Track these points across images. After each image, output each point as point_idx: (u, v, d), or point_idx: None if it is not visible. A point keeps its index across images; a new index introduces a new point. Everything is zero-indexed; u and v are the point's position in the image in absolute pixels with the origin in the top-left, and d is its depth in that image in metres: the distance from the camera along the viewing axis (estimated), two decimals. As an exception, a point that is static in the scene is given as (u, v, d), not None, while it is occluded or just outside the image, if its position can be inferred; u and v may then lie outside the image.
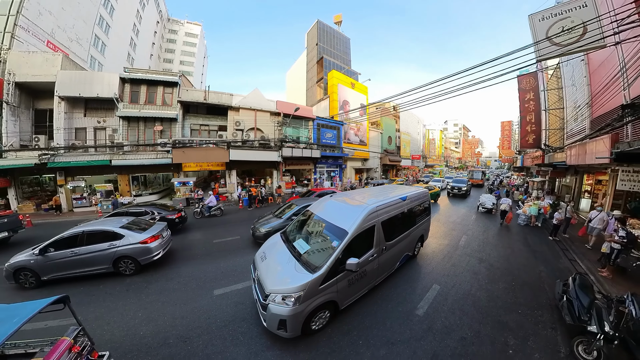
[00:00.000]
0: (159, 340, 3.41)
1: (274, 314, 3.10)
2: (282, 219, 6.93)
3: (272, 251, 4.13)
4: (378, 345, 3.24)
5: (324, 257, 3.47)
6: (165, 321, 3.81)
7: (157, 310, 4.08)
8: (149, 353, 3.20)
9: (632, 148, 4.65)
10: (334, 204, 4.76)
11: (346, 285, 3.59)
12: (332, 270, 3.34)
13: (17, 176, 12.76)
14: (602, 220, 6.92)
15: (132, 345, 3.32)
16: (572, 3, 6.59)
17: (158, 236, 5.69)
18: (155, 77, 14.82)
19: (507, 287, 4.90)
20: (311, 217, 4.80)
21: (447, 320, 3.80)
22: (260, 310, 3.38)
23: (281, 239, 4.46)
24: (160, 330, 3.61)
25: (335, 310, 3.62)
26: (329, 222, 4.18)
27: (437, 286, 4.80)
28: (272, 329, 3.20)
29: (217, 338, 3.42)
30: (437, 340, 3.38)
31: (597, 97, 8.22)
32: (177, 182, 15.08)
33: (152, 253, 5.39)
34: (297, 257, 3.70)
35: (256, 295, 3.61)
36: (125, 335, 3.53)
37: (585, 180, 12.15)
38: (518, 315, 3.99)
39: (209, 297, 4.47)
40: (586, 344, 3.11)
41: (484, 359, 3.09)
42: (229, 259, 6.07)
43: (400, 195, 5.14)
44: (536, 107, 15.28)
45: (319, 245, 3.99)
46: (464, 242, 7.57)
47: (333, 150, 22.18)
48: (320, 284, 3.23)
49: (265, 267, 3.76)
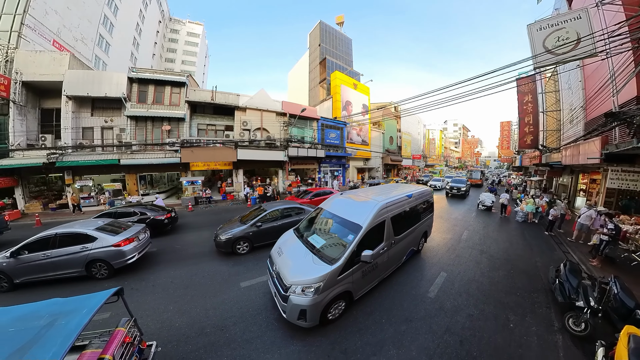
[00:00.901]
0: (196, 330, 3.58)
1: (295, 304, 3.27)
2: (246, 225, 6.40)
3: (288, 246, 4.33)
4: (399, 323, 3.74)
5: (340, 250, 3.73)
6: (198, 313, 3.99)
7: (188, 303, 4.25)
8: (188, 342, 3.36)
9: (619, 150, 5.19)
10: (343, 201, 5.01)
11: (360, 277, 3.86)
12: (349, 262, 3.59)
13: (24, 175, 12.81)
14: (590, 217, 7.37)
15: (170, 336, 3.47)
16: (568, 15, 7.10)
17: (133, 239, 5.49)
18: (163, 77, 15.03)
19: (506, 274, 5.45)
20: (319, 215, 5.04)
21: (456, 301, 4.33)
22: (281, 302, 3.52)
23: (295, 235, 4.68)
24: (195, 321, 3.78)
25: (350, 301, 3.87)
26: (343, 217, 4.41)
27: (445, 273, 5.34)
28: (292, 320, 3.36)
29: (253, 325, 3.68)
30: (448, 317, 3.90)
31: (591, 100, 8.77)
32: (186, 181, 15.33)
33: (125, 256, 5.22)
34: (313, 251, 3.91)
35: (274, 289, 3.79)
36: (161, 327, 3.67)
37: (581, 180, 12.73)
38: (517, 297, 4.53)
39: (237, 289, 4.70)
40: (575, 318, 3.64)
41: (489, 331, 3.62)
42: (249, 254, 6.34)
43: (407, 193, 5.46)
44: (534, 109, 15.86)
45: (333, 239, 4.21)
46: (466, 236, 8.12)
47: (336, 150, 22.66)
48: (339, 274, 3.47)
49: (283, 261, 3.94)
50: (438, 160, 51.10)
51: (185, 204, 14.14)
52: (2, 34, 14.57)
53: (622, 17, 6.45)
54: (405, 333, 3.52)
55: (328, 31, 35.06)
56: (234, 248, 6.21)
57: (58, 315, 2.20)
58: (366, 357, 3.07)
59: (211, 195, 15.70)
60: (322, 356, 3.07)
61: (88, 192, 13.73)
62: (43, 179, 14.68)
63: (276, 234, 6.35)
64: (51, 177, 14.93)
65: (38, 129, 13.50)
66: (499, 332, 3.60)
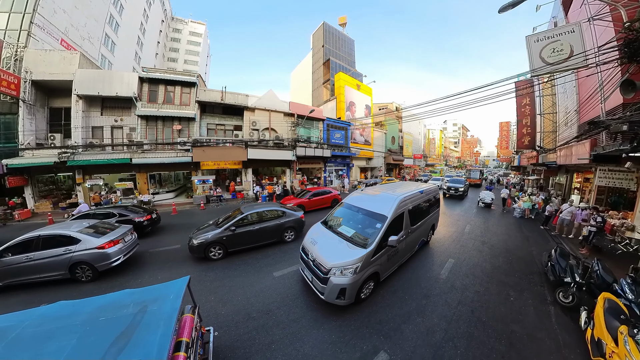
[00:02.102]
0: (243, 316, 3.90)
1: (335, 284, 3.72)
2: (220, 229, 6.11)
3: (320, 237, 4.78)
4: (419, 298, 4.45)
5: (371, 236, 4.33)
6: (240, 301, 4.31)
7: (227, 294, 4.55)
8: (238, 327, 3.65)
9: (605, 151, 5.92)
10: (364, 197, 5.60)
11: (386, 260, 4.48)
12: (378, 247, 4.16)
13: (33, 175, 12.80)
14: (571, 212, 8.10)
15: (219, 323, 3.71)
16: (563, 28, 7.82)
17: (118, 241, 5.40)
18: (174, 77, 15.25)
19: (505, 260, 6.21)
20: (342, 209, 5.59)
21: (464, 281, 5.08)
22: (319, 285, 3.95)
23: (323, 227, 5.20)
24: (239, 309, 4.09)
25: (377, 282, 4.46)
26: (368, 210, 5.00)
27: (452, 260, 6.09)
28: (331, 300, 3.80)
29: (294, 307, 4.11)
30: (459, 293, 4.64)
31: (584, 104, 9.52)
32: (197, 180, 15.53)
33: (110, 259, 5.13)
34: (346, 239, 4.44)
35: (311, 275, 4.22)
36: (208, 315, 3.89)
37: (575, 179, 13.54)
38: (515, 278, 5.28)
39: (271, 278, 5.10)
40: (564, 292, 4.38)
41: (493, 304, 4.36)
42: (274, 247, 6.82)
43: (419, 189, 6.14)
44: (532, 111, 16.64)
45: (362, 228, 4.78)
46: (468, 230, 8.88)
47: (341, 150, 23.32)
48: (371, 257, 4.04)
49: (319, 249, 4.34)
50: (438, 160, 51.97)
51: (197, 203, 14.49)
52: (12, 32, 14.71)
53: (611, 32, 7.17)
54: (426, 306, 4.23)
55: (331, 32, 35.63)
56: (207, 253, 5.96)
57: (146, 303, 2.30)
58: (398, 325, 3.75)
59: (222, 194, 16.21)
60: (360, 327, 3.70)
61: (98, 191, 13.83)
62: (51, 178, 14.73)
63: (254, 239, 6.58)
64: (59, 177, 15.02)
65: (47, 128, 13.55)
66: (502, 304, 4.35)
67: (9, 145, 12.25)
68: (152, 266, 5.93)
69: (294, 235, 7.42)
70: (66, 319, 2.14)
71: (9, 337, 1.92)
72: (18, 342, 1.90)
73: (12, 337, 1.93)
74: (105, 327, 2.04)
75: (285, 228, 7.12)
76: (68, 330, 2.00)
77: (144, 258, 6.43)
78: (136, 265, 5.96)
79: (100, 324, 2.07)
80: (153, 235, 8.37)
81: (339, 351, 3.20)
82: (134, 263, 6.05)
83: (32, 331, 2.00)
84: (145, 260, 6.31)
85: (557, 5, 13.19)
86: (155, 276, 5.41)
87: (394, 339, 3.43)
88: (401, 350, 3.24)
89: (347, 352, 3.19)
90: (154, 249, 7.06)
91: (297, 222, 7.45)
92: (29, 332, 2.00)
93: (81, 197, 13.22)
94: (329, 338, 3.42)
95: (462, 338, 3.49)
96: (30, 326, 2.05)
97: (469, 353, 3.23)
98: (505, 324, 3.84)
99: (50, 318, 2.16)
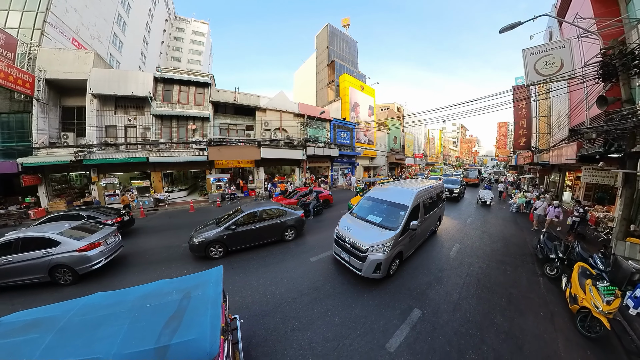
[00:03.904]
0: (296, 293, 4.55)
1: (373, 260, 4.57)
2: (220, 228, 6.14)
3: (353, 224, 5.62)
4: (436, 272, 5.52)
5: (396, 222, 5.26)
6: (289, 282, 4.94)
7: (274, 278, 5.13)
8: (294, 301, 4.30)
9: (588, 153, 6.98)
10: (384, 191, 6.54)
11: (407, 241, 5.44)
12: (403, 230, 5.09)
13: (47, 174, 12.74)
14: (544, 208, 8.99)
15: (278, 301, 4.32)
16: (555, 44, 8.85)
17: (99, 243, 5.30)
18: (188, 77, 15.50)
19: (503, 245, 7.34)
20: (365, 202, 6.44)
21: (469, 260, 6.17)
22: (358, 262, 4.73)
23: (352, 217, 6.04)
24: (291, 288, 4.71)
25: (401, 260, 5.37)
26: (391, 201, 5.92)
27: (458, 244, 7.19)
28: (368, 274, 4.62)
29: (338, 283, 4.92)
30: (466, 268, 5.72)
31: (574, 109, 10.60)
32: (213, 179, 16.04)
33: (90, 262, 5.03)
34: (376, 225, 5.36)
35: (348, 256, 5.02)
36: (264, 295, 4.50)
37: (567, 177, 14.71)
38: (511, 258, 6.39)
39: (308, 263, 5.81)
40: (550, 266, 5.46)
41: (494, 275, 5.44)
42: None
43: (429, 185, 7.18)
44: (528, 114, 17.76)
45: (386, 217, 5.63)
46: (470, 221, 10.01)
47: (346, 149, 24.27)
48: (399, 237, 4.96)
49: (355, 234, 5.16)
50: (437, 159, 53.21)
51: (212, 200, 14.99)
52: (24, 31, 14.74)
53: (597, 49, 8.21)
54: (442, 277, 5.30)
55: (335, 34, 36.44)
56: (207, 252, 5.99)
57: (188, 290, 2.38)
58: (423, 290, 4.76)
59: (236, 192, 16.95)
60: (395, 292, 4.66)
61: (113, 189, 13.85)
62: (64, 177, 14.72)
63: (254, 238, 6.62)
64: (72, 176, 15.05)
65: (59, 127, 13.56)
66: (501, 276, 5.44)
67: (23, 144, 12.27)
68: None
69: (294, 234, 7.44)
70: (112, 307, 2.19)
71: (57, 326, 1.94)
72: (68, 330, 1.92)
73: (61, 326, 1.94)
74: (154, 312, 2.09)
75: (285, 227, 7.15)
76: (117, 317, 2.04)
77: (136, 256, 6.49)
78: (128, 265, 5.98)
79: (148, 310, 2.11)
80: (153, 234, 8.65)
81: (383, 310, 4.16)
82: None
83: (79, 319, 2.03)
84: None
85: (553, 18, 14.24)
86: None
87: (422, 299, 4.47)
88: (429, 306, 4.27)
89: (389, 310, 4.15)
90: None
91: (298, 221, 7.43)
92: (76, 320, 2.02)
93: (96, 195, 13.52)
94: (372, 302, 4.37)
95: (472, 298, 4.56)
96: (76, 315, 2.08)
97: (479, 307, 4.29)
98: (504, 288, 4.92)
99: (94, 307, 2.21)
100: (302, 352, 3.25)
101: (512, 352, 3.30)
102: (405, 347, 3.32)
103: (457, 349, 3.32)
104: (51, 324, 1.96)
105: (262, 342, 3.41)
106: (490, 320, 3.94)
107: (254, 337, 3.50)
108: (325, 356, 3.18)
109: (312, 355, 3.19)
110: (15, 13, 15.06)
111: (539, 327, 3.82)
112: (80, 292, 4.69)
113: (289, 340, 3.45)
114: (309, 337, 3.49)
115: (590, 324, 3.63)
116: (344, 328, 3.67)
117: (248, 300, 4.40)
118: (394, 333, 3.57)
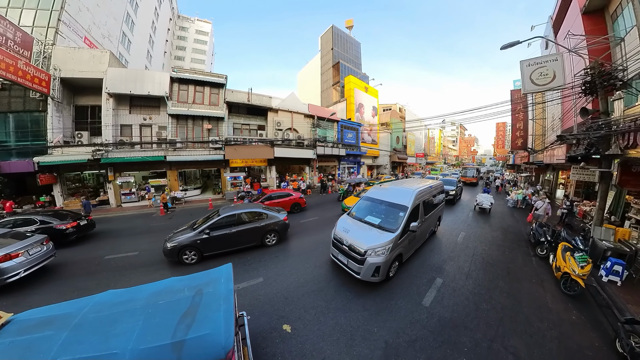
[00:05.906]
0: (313, 283, 4.89)
1: (372, 263, 4.37)
2: (194, 232, 5.83)
3: (351, 226, 5.37)
4: (448, 252, 6.66)
5: (396, 223, 5.05)
6: (303, 275, 5.22)
7: (291, 269, 5.47)
8: (304, 286, 4.76)
9: (575, 154, 8.17)
10: (383, 191, 6.34)
11: (407, 243, 5.28)
12: (402, 231, 4.88)
13: (61, 173, 12.78)
14: (545, 209, 9.44)
15: (303, 283, 4.82)
16: (549, 57, 9.99)
17: (17, 254, 4.92)
18: (203, 77, 15.71)
19: (501, 234, 8.55)
20: (363, 202, 6.22)
21: (473, 244, 7.35)
22: (356, 266, 4.55)
23: (350, 218, 5.80)
24: (307, 280, 4.98)
25: (400, 262, 5.21)
26: (390, 201, 5.69)
27: (464, 233, 8.39)
28: (366, 278, 4.45)
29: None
30: (472, 250, 6.90)
31: (566, 113, 11.79)
32: (229, 177, 16.61)
33: (4, 274, 4.66)
34: (375, 226, 5.15)
35: (346, 258, 4.81)
36: (291, 284, 4.89)
37: (560, 175, 15.98)
38: (509, 242, 7.61)
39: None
40: (540, 248, 6.66)
41: (495, 255, 6.61)
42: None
43: (429, 185, 7.01)
44: (524, 116, 18.98)
45: (386, 217, 5.45)
46: (471, 215, 11.21)
47: (352, 149, 25.34)
48: (398, 239, 4.76)
49: (353, 236, 4.93)
50: (437, 158, 54.53)
51: (229, 198, 15.60)
52: (39, 29, 14.63)
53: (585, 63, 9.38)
54: (453, 256, 6.43)
55: (340, 35, 37.37)
56: (180, 257, 5.68)
57: (199, 287, 2.39)
58: (440, 265, 5.83)
59: (250, 190, 17.84)
60: (419, 267, 5.69)
61: (129, 188, 13.96)
62: (78, 176, 14.71)
63: (231, 243, 6.21)
64: (85, 175, 15.04)
65: (72, 126, 13.60)
66: (501, 255, 6.64)
67: (38, 143, 12.24)
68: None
69: (276, 239, 6.96)
70: (125, 305, 2.19)
71: (72, 323, 1.93)
72: (83, 326, 1.92)
73: (76, 323, 1.94)
74: (168, 308, 2.10)
75: (266, 231, 6.69)
76: (131, 313, 2.06)
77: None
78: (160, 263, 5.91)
79: (162, 307, 2.13)
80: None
81: (413, 279, 5.14)
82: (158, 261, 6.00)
83: (94, 316, 2.04)
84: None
85: (549, 28, 15.40)
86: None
87: (441, 271, 5.60)
88: (447, 276, 5.38)
89: (418, 279, 5.18)
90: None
91: (280, 225, 6.94)
92: (91, 317, 2.02)
93: (112, 194, 13.77)
94: (404, 274, 5.40)
95: (480, 270, 5.73)
96: (90, 312, 2.08)
97: (486, 276, 5.45)
98: (504, 264, 6.12)
99: (107, 304, 2.21)
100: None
101: (513, 304, 4.46)
102: (436, 303, 4.41)
103: (473, 302, 4.47)
104: (65, 321, 1.96)
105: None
106: (495, 284, 5.10)
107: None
108: (379, 313, 4.09)
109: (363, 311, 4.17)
110: (28, 11, 14.98)
111: (532, 289, 4.99)
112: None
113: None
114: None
115: (570, 284, 4.79)
116: (387, 292, 4.66)
117: (284, 286, 4.77)
118: (425, 294, 4.67)
